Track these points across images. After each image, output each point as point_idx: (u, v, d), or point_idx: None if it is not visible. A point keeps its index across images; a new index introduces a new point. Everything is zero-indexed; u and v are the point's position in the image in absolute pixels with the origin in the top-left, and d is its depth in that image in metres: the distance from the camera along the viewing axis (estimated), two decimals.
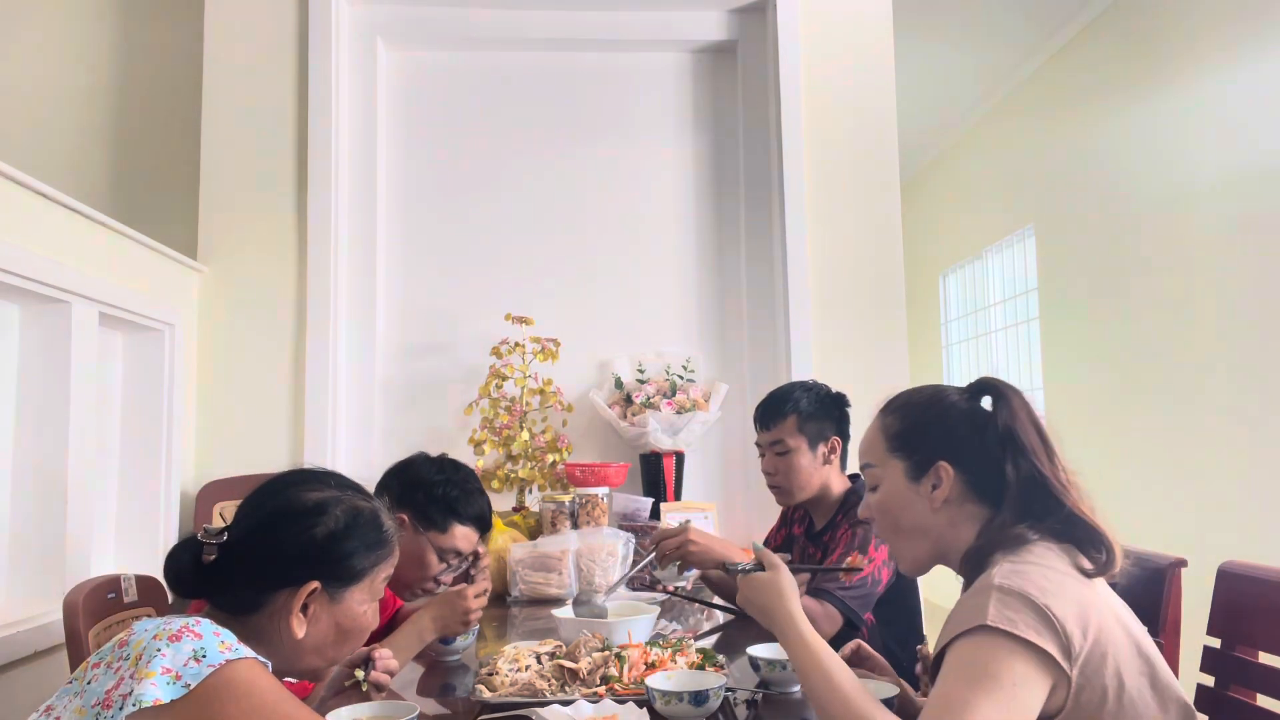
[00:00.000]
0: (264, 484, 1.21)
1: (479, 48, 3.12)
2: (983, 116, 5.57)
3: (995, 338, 5.64)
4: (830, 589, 1.89)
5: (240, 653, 0.99)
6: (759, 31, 3.13)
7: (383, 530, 1.22)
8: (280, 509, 1.16)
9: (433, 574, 1.85)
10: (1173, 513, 3.67)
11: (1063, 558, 1.12)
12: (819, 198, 2.99)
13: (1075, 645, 1.02)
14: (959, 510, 1.22)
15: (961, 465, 1.21)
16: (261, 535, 1.14)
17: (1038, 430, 1.20)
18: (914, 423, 1.27)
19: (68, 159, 3.06)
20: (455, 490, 1.86)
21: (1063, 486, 1.17)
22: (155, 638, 0.98)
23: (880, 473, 1.28)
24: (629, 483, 2.90)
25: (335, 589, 1.15)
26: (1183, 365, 3.64)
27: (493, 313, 2.94)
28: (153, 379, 2.60)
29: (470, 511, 1.87)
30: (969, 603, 1.07)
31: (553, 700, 1.38)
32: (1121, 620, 1.09)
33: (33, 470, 2.08)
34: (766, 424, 2.15)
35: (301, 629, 1.12)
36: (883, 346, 2.97)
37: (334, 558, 1.15)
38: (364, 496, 1.23)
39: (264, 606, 1.12)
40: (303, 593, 1.12)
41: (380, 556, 1.21)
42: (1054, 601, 1.03)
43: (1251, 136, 3.27)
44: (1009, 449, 1.19)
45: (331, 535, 1.15)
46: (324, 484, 1.21)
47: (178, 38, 3.09)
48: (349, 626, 1.18)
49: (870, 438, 1.32)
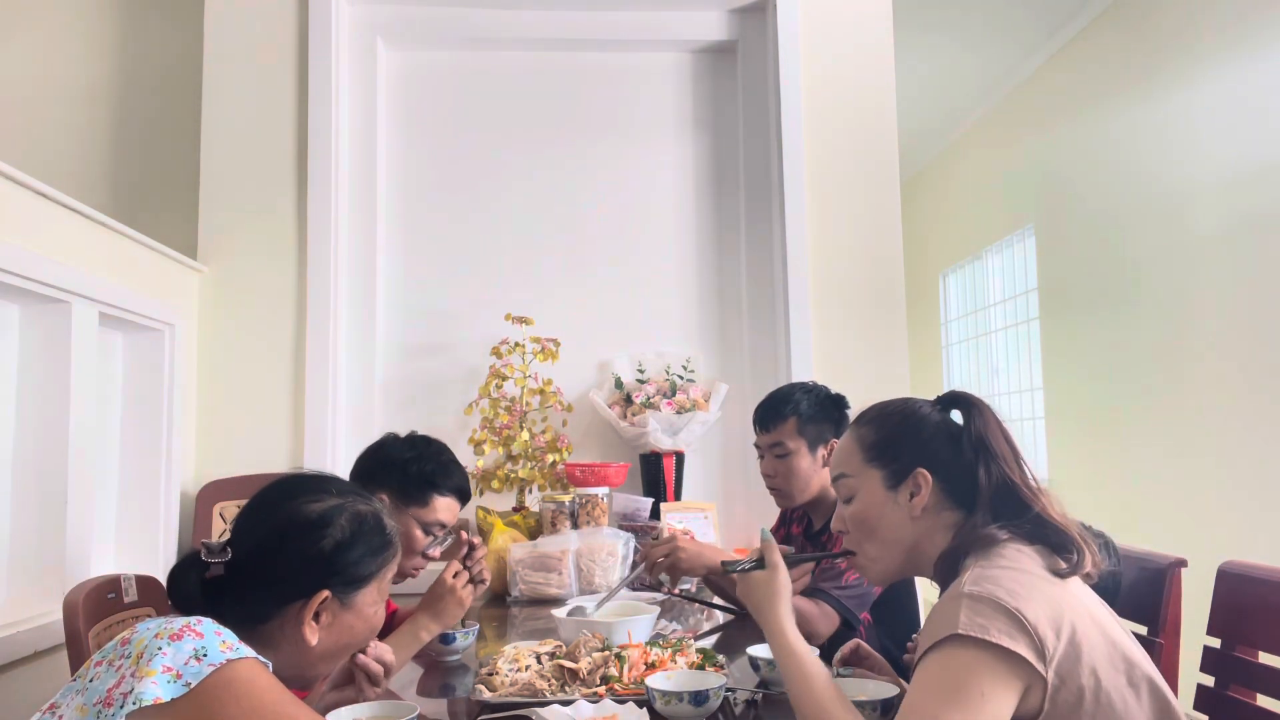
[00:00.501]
0: (262, 495, 1.21)
1: (479, 48, 3.12)
2: (983, 116, 5.57)
3: (995, 338, 5.64)
4: (827, 589, 1.89)
5: (241, 652, 0.99)
6: (759, 31, 3.13)
7: (386, 532, 1.23)
8: (285, 524, 1.16)
9: (419, 549, 1.86)
10: (1173, 513, 3.67)
11: (1034, 558, 1.14)
12: (819, 198, 3.00)
13: (1049, 647, 1.03)
14: (935, 518, 1.24)
15: (938, 472, 1.24)
16: (268, 551, 1.14)
17: (1007, 439, 1.24)
18: (890, 432, 1.29)
19: (68, 159, 3.06)
20: (430, 464, 1.87)
21: (1032, 492, 1.20)
22: (157, 636, 0.97)
23: (856, 483, 1.30)
24: (629, 483, 2.90)
25: (345, 594, 1.16)
26: (1182, 365, 3.64)
27: (493, 313, 2.94)
28: (153, 379, 2.60)
29: (449, 483, 1.88)
30: (941, 610, 1.09)
31: (553, 700, 1.38)
32: (1096, 619, 1.09)
33: (33, 470, 2.08)
34: (766, 426, 2.15)
35: (314, 637, 1.13)
36: (883, 346, 2.97)
37: (342, 566, 1.15)
38: (364, 500, 1.24)
39: (274, 617, 1.13)
40: (314, 602, 1.13)
41: (387, 558, 1.22)
42: (1024, 604, 1.04)
43: (1251, 136, 3.27)
44: (981, 455, 1.22)
45: (339, 546, 1.16)
46: (324, 491, 1.21)
47: (178, 38, 3.09)
48: (360, 628, 1.19)
49: (845, 449, 1.33)
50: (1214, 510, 3.43)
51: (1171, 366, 3.71)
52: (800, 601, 1.89)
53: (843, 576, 1.90)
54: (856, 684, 1.37)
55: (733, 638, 1.92)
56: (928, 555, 1.24)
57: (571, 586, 2.34)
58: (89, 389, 2.19)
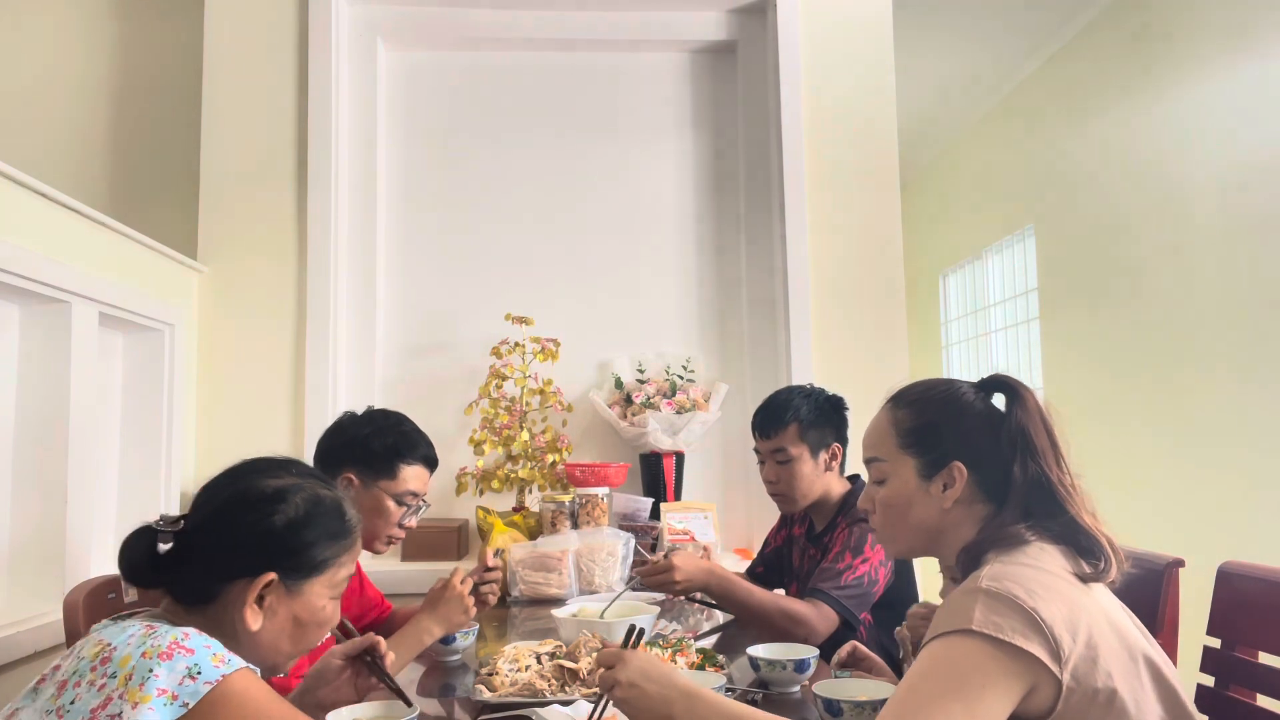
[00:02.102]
0: (223, 472, 1.17)
1: (479, 48, 3.12)
2: (983, 116, 5.57)
3: (995, 338, 5.64)
4: (825, 589, 1.88)
5: (234, 664, 0.98)
6: (759, 31, 3.13)
7: (345, 519, 1.18)
8: (238, 496, 1.12)
9: (395, 520, 1.85)
10: (1173, 512, 3.66)
11: (1058, 559, 1.11)
12: (819, 198, 2.99)
13: (1065, 648, 1.02)
14: (965, 510, 1.21)
15: (974, 465, 1.20)
16: (218, 523, 1.10)
17: (1049, 433, 1.19)
18: (930, 419, 1.24)
19: (68, 159, 3.06)
20: (391, 436, 1.86)
21: (1067, 491, 1.16)
22: (144, 655, 0.95)
23: (889, 468, 1.25)
24: (629, 483, 2.90)
25: (294, 581, 1.11)
26: (1182, 365, 3.64)
27: (493, 313, 2.94)
28: (153, 379, 2.60)
29: (413, 452, 1.88)
30: (955, 603, 1.07)
31: (553, 700, 1.38)
32: (1115, 623, 1.08)
33: (33, 470, 2.08)
34: (767, 432, 2.13)
35: (256, 622, 1.08)
36: (883, 346, 2.97)
37: (293, 547, 1.11)
38: (326, 485, 1.19)
39: (218, 597, 1.08)
40: (258, 584, 1.08)
41: (343, 547, 1.16)
42: (1041, 605, 1.03)
43: (1251, 136, 3.27)
44: (1020, 449, 1.17)
45: (291, 524, 1.11)
46: (285, 471, 1.17)
47: (177, 37, 3.09)
48: (307, 621, 1.13)
49: (880, 430, 1.28)
50: (1214, 510, 3.43)
51: (1171, 366, 3.71)
52: (795, 604, 1.88)
53: (841, 576, 1.90)
54: (854, 684, 1.37)
55: (733, 638, 1.93)
56: (951, 544, 1.22)
57: (571, 586, 2.34)
58: (89, 389, 2.19)
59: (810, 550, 2.14)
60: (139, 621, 1.04)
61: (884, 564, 1.94)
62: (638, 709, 1.15)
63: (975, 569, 1.13)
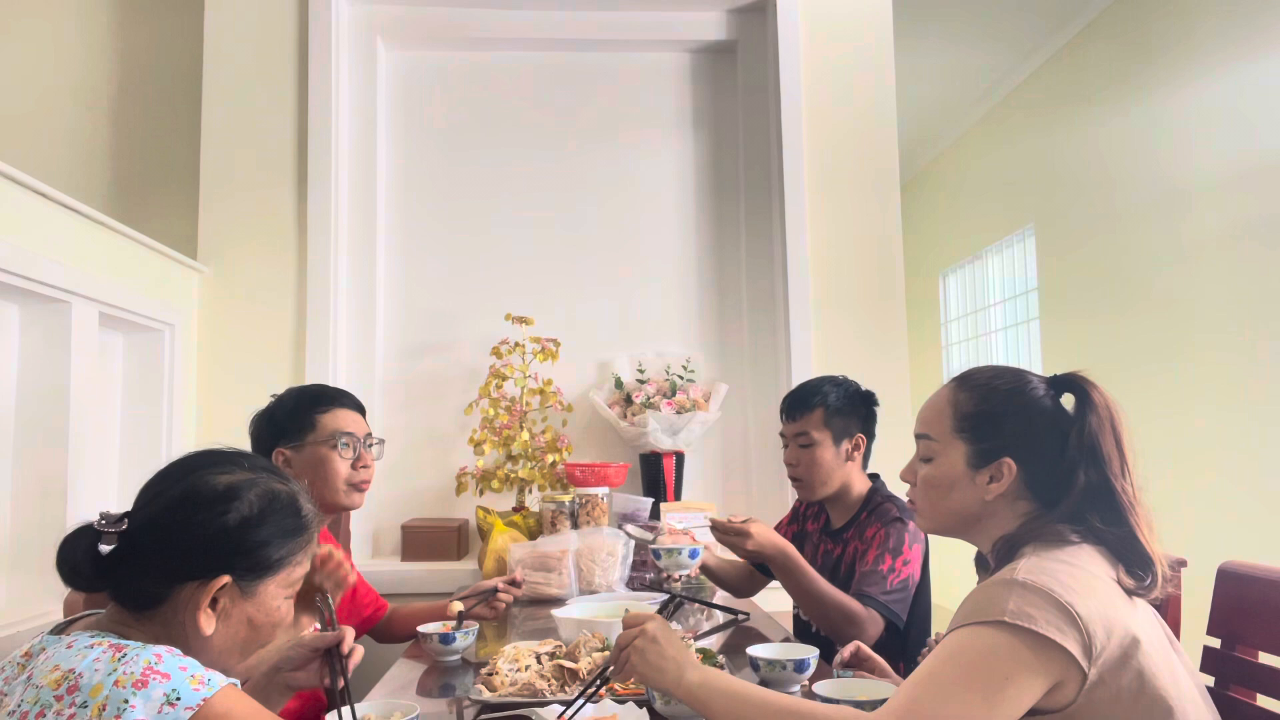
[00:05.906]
0: (168, 466, 1.10)
1: (479, 48, 3.12)
2: (983, 116, 5.57)
3: (995, 338, 5.64)
4: (873, 594, 1.86)
5: (214, 685, 0.93)
6: (759, 31, 3.13)
7: (301, 515, 1.11)
8: (188, 494, 1.05)
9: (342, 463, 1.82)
10: (1173, 513, 3.67)
11: (1100, 563, 1.09)
12: (819, 198, 2.99)
13: (1097, 644, 1.00)
14: (1009, 505, 1.18)
15: (1026, 464, 1.17)
16: (167, 522, 1.03)
17: (1118, 441, 1.15)
18: (991, 410, 1.20)
19: (68, 158, 3.06)
20: (305, 397, 1.88)
21: (1130, 502, 1.12)
22: (117, 684, 0.89)
23: (938, 448, 1.22)
24: (629, 483, 2.90)
25: (248, 582, 1.05)
26: (1182, 365, 3.64)
27: (493, 313, 2.94)
28: (153, 379, 2.60)
29: (325, 401, 1.88)
30: (988, 592, 1.05)
31: (553, 700, 1.38)
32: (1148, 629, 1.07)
33: (33, 470, 2.08)
34: (792, 415, 2.12)
35: (210, 626, 1.03)
36: (883, 346, 2.97)
37: (248, 547, 1.05)
38: (280, 478, 1.13)
39: (167, 600, 1.02)
40: (212, 587, 1.02)
41: (298, 545, 1.10)
42: (1077, 599, 1.01)
43: (1251, 136, 3.27)
44: (1086, 457, 1.14)
45: (245, 522, 1.05)
46: (236, 465, 1.10)
47: (178, 37, 3.09)
48: (261, 622, 1.07)
49: (937, 408, 1.24)
50: (1214, 510, 3.43)
51: (1171, 366, 3.71)
52: (855, 605, 1.85)
53: (887, 580, 1.88)
54: (856, 685, 1.37)
55: (733, 638, 1.92)
56: (989, 533, 1.20)
57: (571, 586, 2.34)
58: (89, 389, 2.19)
59: (827, 545, 2.12)
60: (88, 635, 0.97)
61: (919, 562, 1.94)
62: (649, 664, 1.16)
63: (1010, 560, 1.11)
